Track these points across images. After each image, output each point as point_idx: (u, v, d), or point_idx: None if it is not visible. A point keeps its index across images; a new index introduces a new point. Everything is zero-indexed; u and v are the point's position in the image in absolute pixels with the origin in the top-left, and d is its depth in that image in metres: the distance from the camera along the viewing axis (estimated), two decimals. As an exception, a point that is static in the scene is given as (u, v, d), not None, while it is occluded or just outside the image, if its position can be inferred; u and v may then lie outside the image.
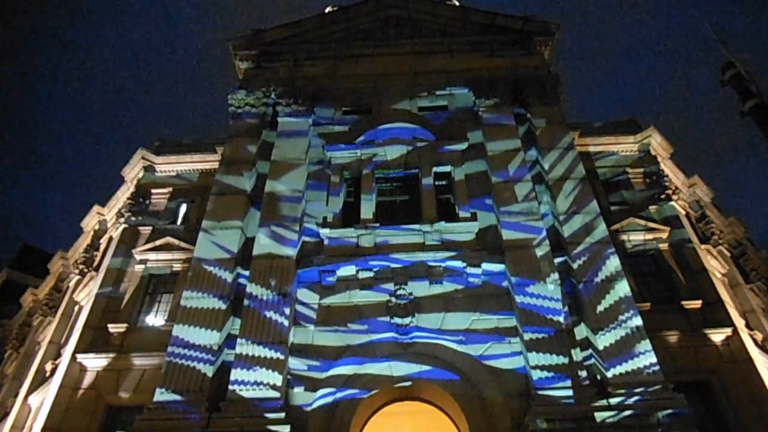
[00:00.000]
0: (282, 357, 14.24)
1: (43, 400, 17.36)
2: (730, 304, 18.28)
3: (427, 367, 14.91)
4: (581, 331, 15.02)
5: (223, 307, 15.35)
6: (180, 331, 14.88)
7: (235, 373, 13.98)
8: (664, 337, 16.53)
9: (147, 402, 13.90)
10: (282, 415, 13.17)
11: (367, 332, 15.39)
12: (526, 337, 14.31)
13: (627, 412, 12.79)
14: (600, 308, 14.82)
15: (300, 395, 14.34)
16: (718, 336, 16.96)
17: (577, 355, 14.37)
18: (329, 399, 14.44)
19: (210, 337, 14.72)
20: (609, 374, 13.67)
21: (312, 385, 14.55)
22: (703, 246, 20.37)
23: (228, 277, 16.00)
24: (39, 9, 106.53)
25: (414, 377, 14.83)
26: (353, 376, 14.85)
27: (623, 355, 13.93)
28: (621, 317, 14.61)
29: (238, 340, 14.62)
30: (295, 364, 14.85)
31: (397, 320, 15.42)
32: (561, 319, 14.58)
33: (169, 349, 14.59)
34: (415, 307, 15.63)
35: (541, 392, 13.29)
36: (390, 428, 16.02)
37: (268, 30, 23.37)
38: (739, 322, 17.80)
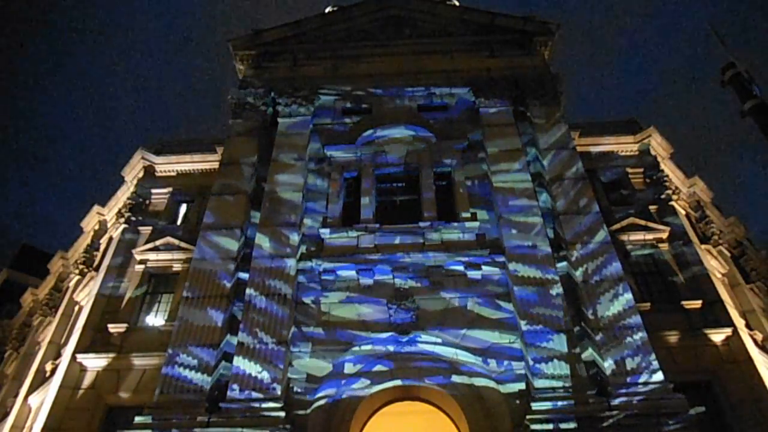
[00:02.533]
0: (282, 357, 14.23)
1: (43, 400, 17.36)
2: (730, 304, 18.28)
3: (427, 368, 14.93)
4: (582, 332, 15.02)
5: (223, 309, 15.32)
6: (179, 333, 14.85)
7: (236, 374, 13.97)
8: (664, 337, 16.53)
9: (147, 402, 13.90)
10: (282, 414, 13.17)
11: (368, 333, 15.38)
12: (527, 337, 14.32)
13: (627, 413, 12.79)
14: (601, 309, 14.81)
15: (300, 395, 14.35)
16: (718, 336, 16.96)
17: (578, 355, 14.34)
18: (329, 399, 14.47)
19: (210, 339, 14.70)
20: (609, 374, 13.67)
21: (312, 385, 14.55)
22: (703, 246, 20.37)
23: (227, 278, 15.98)
24: (39, 9, 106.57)
25: (414, 377, 14.85)
26: (353, 376, 14.87)
27: (623, 355, 13.91)
28: (622, 318, 14.60)
29: (239, 341, 14.61)
30: (295, 363, 14.87)
31: (398, 321, 15.41)
32: (561, 319, 14.58)
33: (168, 353, 14.56)
34: (416, 307, 15.60)
35: (541, 393, 13.28)
36: (390, 428, 16.02)
37: (268, 30, 23.36)
38: (739, 322, 17.81)
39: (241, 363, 14.14)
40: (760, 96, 8.93)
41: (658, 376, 13.52)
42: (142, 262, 19.66)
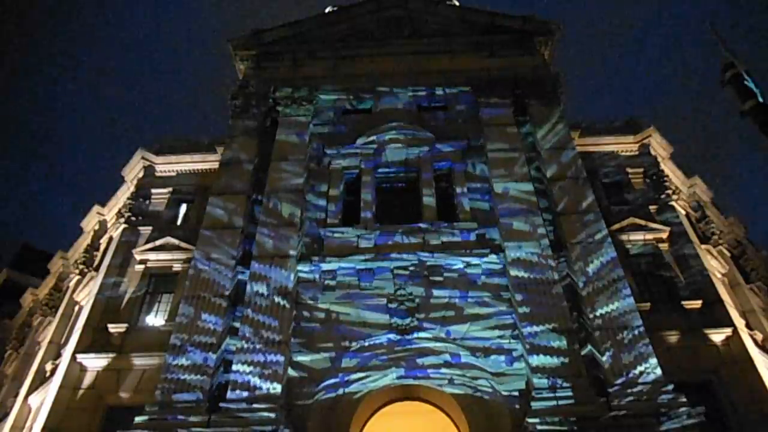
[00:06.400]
0: (282, 358, 14.24)
1: (43, 400, 17.36)
2: (730, 304, 18.28)
3: (427, 367, 14.93)
4: (582, 332, 15.01)
5: (223, 309, 15.32)
6: (179, 334, 14.86)
7: (236, 373, 13.98)
8: (664, 337, 16.52)
9: (147, 402, 13.89)
10: (281, 414, 13.17)
11: (367, 332, 15.39)
12: (527, 337, 14.32)
13: (627, 412, 12.80)
14: (600, 308, 14.82)
15: (300, 395, 14.35)
16: (718, 336, 16.96)
17: (578, 355, 14.33)
18: (329, 399, 14.48)
19: (210, 338, 14.71)
20: (609, 374, 13.67)
21: (312, 385, 14.56)
22: (703, 246, 20.35)
23: (228, 277, 15.99)
24: (39, 10, 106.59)
25: (414, 377, 14.85)
26: (353, 376, 14.87)
27: (623, 355, 13.92)
28: (622, 318, 14.62)
29: (239, 341, 14.62)
30: (295, 364, 14.87)
31: (397, 320, 15.42)
32: (561, 319, 14.58)
33: (168, 354, 14.56)
34: (415, 307, 15.63)
35: (541, 392, 13.29)
36: (390, 428, 16.00)
37: (268, 30, 23.38)
38: (739, 322, 17.80)
39: (241, 363, 14.14)
40: (757, 95, 8.92)
41: (658, 376, 13.53)
42: (142, 262, 19.66)
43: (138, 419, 13.17)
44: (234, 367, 14.13)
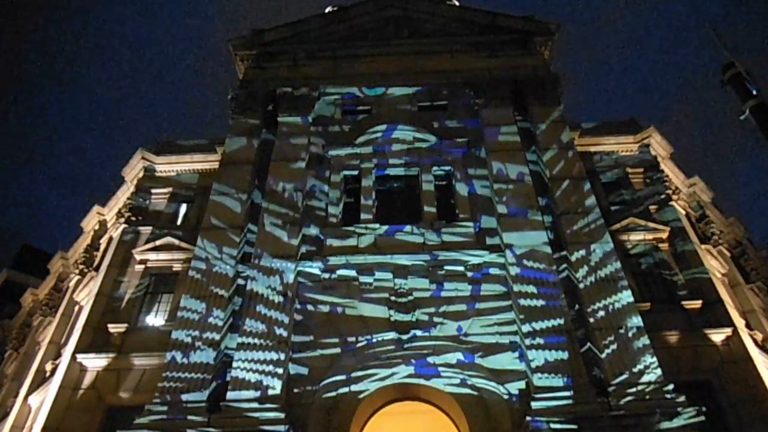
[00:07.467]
0: (282, 357, 14.24)
1: (43, 400, 17.35)
2: (730, 304, 18.28)
3: (426, 366, 14.94)
4: (581, 331, 15.01)
5: (223, 309, 15.31)
6: (180, 333, 14.86)
7: (236, 373, 13.98)
8: (664, 337, 16.53)
9: (147, 402, 13.88)
10: (282, 415, 13.17)
11: (368, 330, 15.39)
12: (526, 336, 14.32)
13: (627, 412, 12.80)
14: (600, 308, 14.82)
15: (301, 394, 14.36)
16: (718, 336, 16.96)
17: (577, 353, 14.32)
18: (330, 398, 14.48)
19: (213, 336, 14.71)
20: (609, 374, 13.67)
21: (312, 384, 14.56)
22: (703, 246, 20.36)
23: (228, 278, 15.98)
24: (39, 9, 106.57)
25: (414, 376, 14.86)
26: (353, 375, 14.88)
27: (623, 355, 13.92)
28: (622, 318, 14.62)
29: (239, 340, 14.62)
30: (296, 363, 14.87)
31: (397, 319, 15.43)
32: (561, 318, 14.58)
33: (169, 353, 14.55)
34: (415, 306, 15.64)
35: (541, 392, 13.28)
36: (390, 428, 16.02)
37: (268, 30, 23.38)
38: (739, 322, 17.80)
39: (241, 362, 14.14)
40: (759, 95, 8.94)
41: (658, 376, 13.53)
42: (142, 262, 19.66)
43: (138, 420, 13.16)
44: (234, 365, 14.12)
